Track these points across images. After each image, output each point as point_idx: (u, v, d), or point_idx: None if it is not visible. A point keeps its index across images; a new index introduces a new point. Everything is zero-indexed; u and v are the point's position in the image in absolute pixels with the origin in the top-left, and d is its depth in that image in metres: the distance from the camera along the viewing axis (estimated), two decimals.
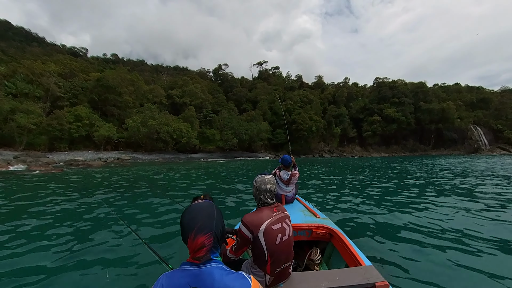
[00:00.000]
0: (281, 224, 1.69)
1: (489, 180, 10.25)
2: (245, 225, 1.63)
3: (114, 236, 4.15)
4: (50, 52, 66.86)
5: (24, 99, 35.54)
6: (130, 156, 39.54)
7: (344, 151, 72.14)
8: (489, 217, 4.94)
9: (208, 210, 1.03)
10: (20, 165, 21.65)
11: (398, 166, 20.45)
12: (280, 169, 3.98)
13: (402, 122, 70.90)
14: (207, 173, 15.97)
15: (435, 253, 3.40)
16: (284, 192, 3.81)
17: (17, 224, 4.81)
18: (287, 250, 1.72)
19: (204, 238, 0.95)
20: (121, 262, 3.23)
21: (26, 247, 3.70)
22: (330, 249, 2.71)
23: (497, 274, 2.82)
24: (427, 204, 6.18)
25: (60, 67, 46.48)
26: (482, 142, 70.25)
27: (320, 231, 2.68)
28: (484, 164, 21.54)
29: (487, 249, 3.48)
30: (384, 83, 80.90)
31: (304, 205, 3.67)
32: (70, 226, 4.68)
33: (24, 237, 4.11)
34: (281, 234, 1.67)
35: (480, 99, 77.57)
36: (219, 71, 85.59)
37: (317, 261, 2.44)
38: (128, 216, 5.46)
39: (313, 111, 68.21)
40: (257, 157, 56.49)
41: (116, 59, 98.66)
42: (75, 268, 3.07)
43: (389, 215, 5.25)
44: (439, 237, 3.95)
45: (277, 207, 1.77)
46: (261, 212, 1.69)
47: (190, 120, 51.81)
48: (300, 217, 3.03)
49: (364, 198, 7.08)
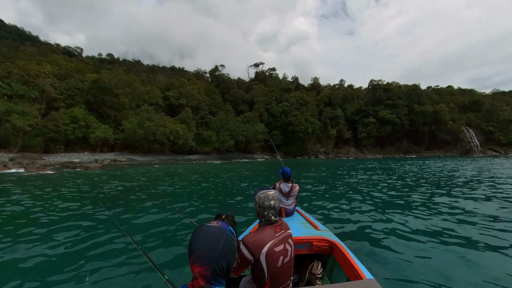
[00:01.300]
0: (284, 245, 1.65)
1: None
2: (246, 246, 1.55)
3: (111, 242, 4.24)
4: (44, 51, 66.21)
5: (20, 100, 35.30)
6: (127, 158, 39.50)
7: (339, 152, 72.94)
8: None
9: (214, 238, 0.96)
10: (17, 169, 21.64)
11: (394, 174, 20.84)
12: (280, 182, 3.96)
13: (396, 124, 72.15)
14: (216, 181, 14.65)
15: (443, 265, 3.30)
16: (284, 205, 3.76)
17: (18, 228, 4.98)
18: (287, 271, 1.69)
19: (200, 269, 0.92)
20: (115, 268, 3.32)
21: (23, 252, 3.85)
22: (332, 262, 2.64)
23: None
24: (435, 209, 6.13)
25: (56, 67, 46.17)
26: (474, 144, 71.72)
27: (321, 243, 2.63)
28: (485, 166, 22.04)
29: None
30: (379, 86, 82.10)
31: (305, 217, 3.58)
32: (68, 231, 4.83)
33: (24, 241, 4.27)
34: (283, 256, 1.62)
35: (472, 102, 79.19)
36: (215, 72, 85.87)
37: (318, 275, 2.39)
38: (126, 221, 5.50)
39: (309, 113, 68.93)
40: (254, 158, 56.89)
41: (111, 59, 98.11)
42: (69, 271, 3.24)
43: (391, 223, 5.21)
44: (447, 246, 3.91)
45: (280, 226, 1.72)
46: (264, 233, 1.63)
47: (187, 122, 51.98)
48: (301, 229, 2.96)
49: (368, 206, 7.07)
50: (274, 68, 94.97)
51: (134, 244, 2.20)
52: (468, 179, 12.61)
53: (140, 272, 3.17)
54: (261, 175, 17.91)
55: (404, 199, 7.77)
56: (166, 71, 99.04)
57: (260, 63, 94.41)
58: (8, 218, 5.93)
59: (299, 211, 3.93)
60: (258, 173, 19.46)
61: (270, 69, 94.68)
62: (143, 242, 4.24)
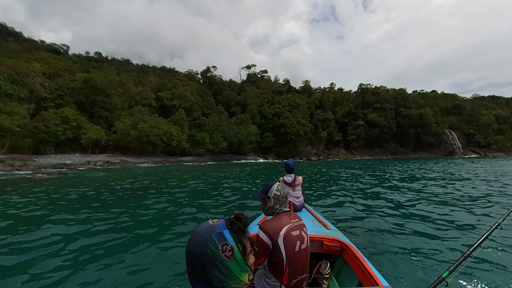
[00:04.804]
0: (300, 232, 1.66)
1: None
2: (264, 231, 1.59)
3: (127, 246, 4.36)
4: (28, 48, 63.75)
5: (8, 100, 34.07)
6: (120, 160, 38.85)
7: (330, 154, 74.58)
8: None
9: (202, 241, 0.82)
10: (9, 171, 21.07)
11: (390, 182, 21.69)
12: (284, 175, 4.01)
13: (384, 127, 74.72)
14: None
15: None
16: (293, 198, 3.70)
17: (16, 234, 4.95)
18: (304, 260, 1.67)
19: (187, 268, 0.85)
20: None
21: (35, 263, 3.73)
22: (341, 264, 2.57)
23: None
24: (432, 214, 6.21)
25: (45, 66, 44.82)
26: (456, 146, 75.43)
27: (331, 243, 2.53)
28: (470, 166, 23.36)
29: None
30: (367, 89, 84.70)
31: (314, 214, 3.49)
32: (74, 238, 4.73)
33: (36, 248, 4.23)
34: (300, 242, 1.63)
35: (454, 106, 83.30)
36: (207, 73, 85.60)
37: (326, 275, 2.35)
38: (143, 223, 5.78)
39: (301, 115, 70.10)
40: (247, 160, 57.21)
41: (99, 58, 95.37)
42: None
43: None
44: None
45: (294, 215, 1.76)
46: (280, 218, 1.67)
47: (180, 123, 51.70)
48: (310, 227, 2.82)
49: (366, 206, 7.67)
50: (266, 70, 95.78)
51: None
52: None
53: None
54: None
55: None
56: (157, 71, 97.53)
57: (252, 65, 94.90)
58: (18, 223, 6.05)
59: (307, 208, 3.88)
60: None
61: (262, 71, 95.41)
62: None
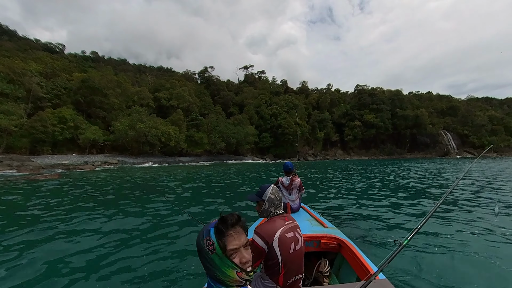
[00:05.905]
0: (294, 233, 1.70)
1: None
2: (259, 235, 1.61)
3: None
4: (24, 47, 63.14)
5: (5, 99, 33.79)
6: (118, 160, 38.78)
7: (327, 154, 75.18)
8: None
9: (199, 235, 0.92)
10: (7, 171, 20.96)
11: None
12: (283, 177, 4.02)
13: (381, 127, 75.53)
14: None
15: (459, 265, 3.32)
16: (289, 201, 3.75)
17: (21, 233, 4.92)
18: (299, 261, 1.72)
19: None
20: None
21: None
22: (340, 261, 2.60)
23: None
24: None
25: (41, 65, 44.46)
26: (451, 146, 76.62)
27: (329, 241, 2.56)
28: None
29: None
30: (364, 90, 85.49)
31: (311, 214, 3.55)
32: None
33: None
34: (294, 243, 1.67)
35: (449, 107, 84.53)
36: (205, 73, 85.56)
37: (326, 273, 2.38)
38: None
39: (298, 116, 70.44)
40: (244, 160, 57.35)
41: (96, 57, 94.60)
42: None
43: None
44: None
45: (287, 217, 1.80)
46: (274, 222, 1.70)
47: (178, 124, 51.70)
48: (307, 226, 2.89)
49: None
50: (263, 71, 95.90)
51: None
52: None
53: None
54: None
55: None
56: (154, 71, 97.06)
57: (249, 65, 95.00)
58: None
59: (304, 208, 3.92)
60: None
61: (260, 72, 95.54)
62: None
